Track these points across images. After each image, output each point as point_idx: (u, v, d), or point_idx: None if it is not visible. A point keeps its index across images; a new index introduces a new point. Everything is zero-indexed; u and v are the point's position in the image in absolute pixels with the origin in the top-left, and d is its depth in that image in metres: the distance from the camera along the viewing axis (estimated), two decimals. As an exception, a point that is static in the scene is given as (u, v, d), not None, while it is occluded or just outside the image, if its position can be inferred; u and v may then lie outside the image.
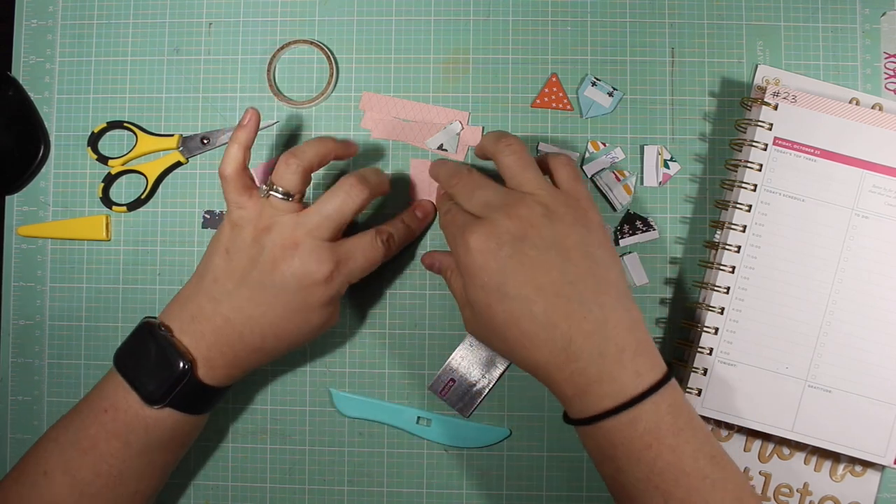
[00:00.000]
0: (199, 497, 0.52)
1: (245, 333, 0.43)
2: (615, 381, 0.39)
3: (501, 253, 0.41)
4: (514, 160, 0.44)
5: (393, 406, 0.52)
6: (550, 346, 0.40)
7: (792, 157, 0.49)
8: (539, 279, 0.40)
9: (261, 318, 0.43)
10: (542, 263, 0.40)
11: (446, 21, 0.53)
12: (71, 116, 0.54)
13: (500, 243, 0.41)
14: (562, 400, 0.42)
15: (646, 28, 0.53)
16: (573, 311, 0.40)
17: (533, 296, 0.40)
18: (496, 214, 0.42)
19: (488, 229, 0.41)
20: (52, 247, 0.53)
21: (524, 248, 0.41)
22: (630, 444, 0.39)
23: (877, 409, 0.48)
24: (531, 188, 0.43)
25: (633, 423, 0.39)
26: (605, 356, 0.40)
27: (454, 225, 0.44)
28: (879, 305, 0.48)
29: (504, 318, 0.41)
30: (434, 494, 0.51)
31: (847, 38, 0.52)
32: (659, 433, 0.39)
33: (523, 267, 0.40)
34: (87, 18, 0.54)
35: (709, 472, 0.39)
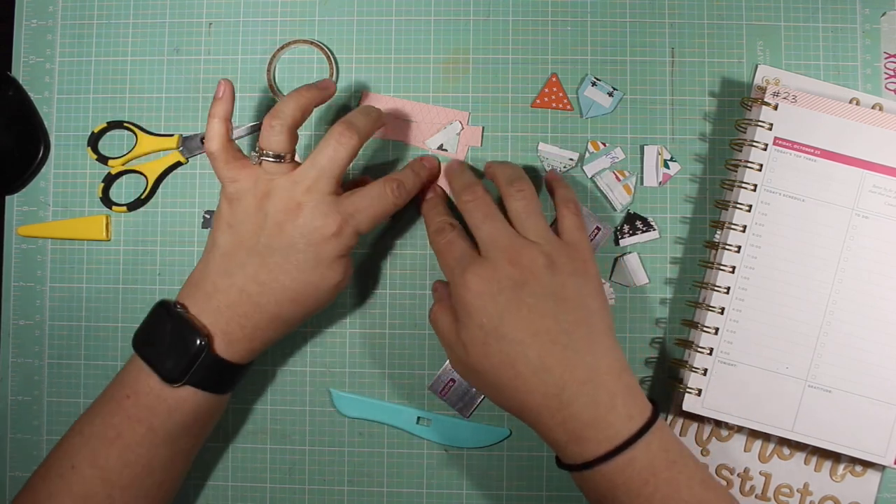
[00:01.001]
0: (199, 497, 0.52)
1: (261, 302, 0.43)
2: (610, 426, 0.41)
3: (500, 297, 0.42)
4: (524, 206, 0.45)
5: (393, 406, 0.52)
6: (543, 391, 0.41)
7: (792, 157, 0.49)
8: (535, 325, 0.41)
9: (274, 284, 0.43)
10: (539, 310, 0.41)
11: (446, 21, 0.53)
12: (71, 116, 0.54)
13: (500, 288, 0.42)
14: (554, 446, 0.42)
15: (646, 28, 0.53)
16: (567, 357, 0.41)
17: (529, 340, 0.41)
18: (499, 257, 0.42)
19: (489, 272, 0.42)
20: (52, 247, 0.53)
21: (523, 294, 0.42)
22: (629, 484, 0.40)
23: (877, 409, 0.48)
24: (536, 237, 0.44)
25: (630, 463, 0.40)
26: (599, 403, 0.41)
27: (453, 258, 0.44)
28: (879, 305, 0.48)
29: (500, 360, 0.41)
30: (434, 494, 0.51)
31: (847, 38, 0.52)
32: (654, 469, 0.40)
33: (520, 312, 0.41)
34: (87, 18, 0.54)
35: (703, 496, 0.41)
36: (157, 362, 0.42)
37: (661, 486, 0.40)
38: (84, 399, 0.52)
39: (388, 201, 0.45)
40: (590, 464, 0.40)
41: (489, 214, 0.45)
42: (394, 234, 0.53)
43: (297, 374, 0.52)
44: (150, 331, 0.44)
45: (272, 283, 0.43)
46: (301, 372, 0.52)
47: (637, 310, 0.52)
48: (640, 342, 0.52)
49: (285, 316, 0.44)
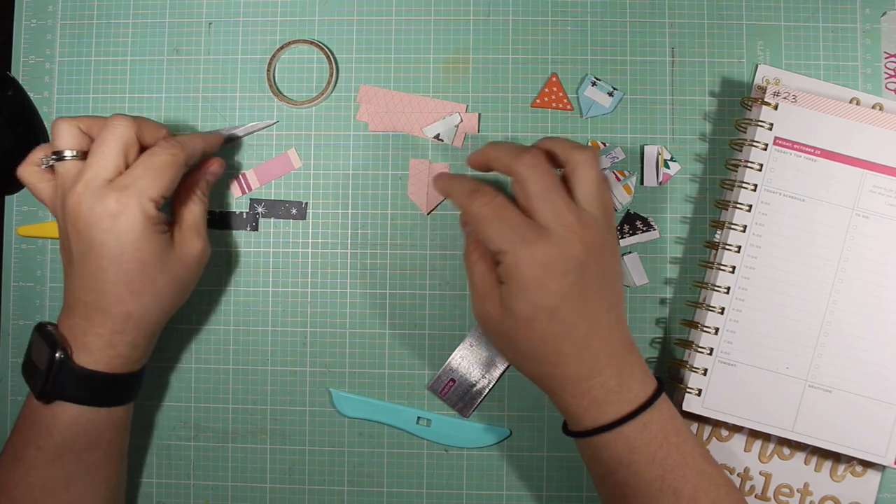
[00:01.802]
0: (199, 497, 0.52)
1: (103, 307, 0.42)
2: (630, 390, 0.42)
3: (565, 279, 0.40)
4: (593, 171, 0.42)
5: (393, 406, 0.52)
6: (578, 364, 0.41)
7: (792, 156, 0.49)
8: (589, 308, 0.41)
9: (102, 285, 0.42)
10: (595, 293, 0.41)
11: (446, 21, 0.53)
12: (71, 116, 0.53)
13: (566, 269, 0.40)
14: (572, 411, 0.42)
15: (646, 28, 0.53)
16: (605, 336, 0.42)
17: (579, 322, 0.41)
18: (568, 234, 0.40)
19: (559, 249, 0.40)
20: (52, 247, 0.53)
21: (585, 277, 0.41)
22: (647, 447, 0.41)
23: (877, 409, 0.48)
24: (590, 206, 0.42)
25: (646, 426, 0.41)
26: (623, 371, 0.42)
27: (509, 222, 0.41)
28: (880, 305, 0.48)
29: (543, 336, 0.41)
30: (434, 494, 0.51)
31: (847, 37, 0.52)
32: (667, 433, 0.41)
33: (580, 297, 0.41)
34: (86, 18, 0.54)
35: (705, 468, 0.42)
36: (29, 380, 0.43)
37: (673, 452, 0.41)
38: (84, 399, 0.52)
39: (161, 158, 0.43)
40: (610, 426, 0.41)
41: (550, 186, 0.41)
42: (393, 235, 0.53)
43: (297, 374, 0.52)
44: (27, 352, 0.45)
45: (100, 285, 0.42)
46: (301, 372, 0.52)
47: (637, 310, 0.52)
48: (641, 342, 0.52)
49: (137, 311, 0.43)
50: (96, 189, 0.41)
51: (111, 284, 0.42)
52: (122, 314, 0.43)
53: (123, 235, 0.41)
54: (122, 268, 0.42)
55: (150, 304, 0.44)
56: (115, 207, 0.41)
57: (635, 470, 0.41)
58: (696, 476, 0.41)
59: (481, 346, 0.52)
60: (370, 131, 0.53)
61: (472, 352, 0.52)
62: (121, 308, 0.43)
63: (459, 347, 0.52)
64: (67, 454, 0.43)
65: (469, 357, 0.52)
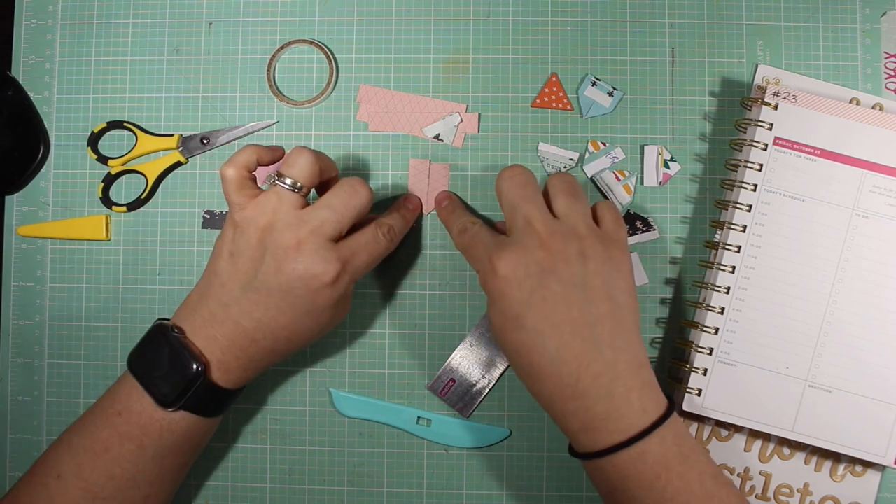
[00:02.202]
0: (199, 497, 0.52)
1: (257, 338, 0.43)
2: (623, 418, 0.40)
3: (526, 283, 0.40)
4: (565, 186, 0.44)
5: (393, 406, 0.52)
6: (556, 382, 0.41)
7: (792, 156, 0.49)
8: (557, 316, 0.40)
9: (271, 322, 0.43)
10: (565, 300, 0.40)
11: (446, 21, 0.53)
12: (71, 116, 0.54)
13: (527, 273, 0.41)
14: (567, 433, 0.43)
15: (646, 28, 0.53)
16: (585, 351, 0.40)
17: (548, 331, 0.40)
18: (530, 239, 0.41)
19: (518, 255, 0.41)
20: (51, 247, 0.53)
21: (550, 281, 0.40)
22: (640, 477, 0.40)
23: (877, 409, 0.48)
24: (574, 222, 0.42)
25: (642, 455, 0.40)
26: (613, 396, 0.40)
27: (480, 248, 0.44)
28: (880, 305, 0.48)
29: (515, 347, 0.41)
30: (434, 494, 0.51)
31: (847, 38, 0.52)
32: (667, 463, 0.40)
33: (545, 302, 0.40)
34: (86, 18, 0.54)
35: (714, 492, 0.40)
36: (153, 385, 0.42)
37: (673, 481, 0.40)
38: (84, 399, 0.52)
39: (382, 246, 0.46)
40: (601, 453, 0.40)
41: (527, 196, 0.43)
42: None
43: (297, 374, 0.52)
44: (146, 353, 0.43)
45: (268, 322, 0.43)
46: (301, 372, 0.52)
47: (637, 310, 0.52)
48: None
49: (280, 350, 0.44)
50: (321, 247, 0.42)
51: (279, 325, 0.43)
52: (267, 349, 0.44)
53: (322, 300, 0.43)
54: (300, 319, 0.43)
55: (293, 348, 0.45)
56: (332, 275, 0.42)
57: (631, 496, 0.40)
58: (704, 500, 0.40)
59: (481, 346, 0.52)
60: (370, 131, 0.53)
61: (472, 352, 0.52)
62: (270, 344, 0.43)
63: (459, 347, 0.52)
64: (168, 455, 0.43)
65: (469, 357, 0.52)
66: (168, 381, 0.42)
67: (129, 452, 0.42)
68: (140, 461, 0.42)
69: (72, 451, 0.43)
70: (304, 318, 0.43)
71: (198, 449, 0.46)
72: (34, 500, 0.42)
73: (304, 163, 0.43)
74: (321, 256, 0.42)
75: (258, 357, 0.44)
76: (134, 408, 0.43)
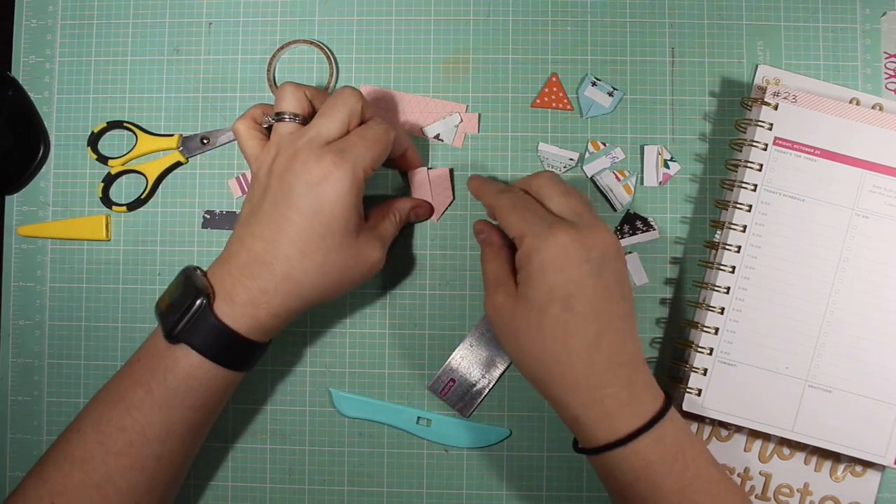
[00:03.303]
0: (199, 497, 0.52)
1: (268, 259, 0.42)
2: (642, 403, 0.41)
3: (585, 266, 0.41)
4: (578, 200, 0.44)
5: (393, 406, 0.52)
6: (588, 367, 0.41)
7: (792, 157, 0.49)
8: (603, 304, 0.41)
9: (279, 236, 0.42)
10: (611, 291, 0.41)
11: (446, 21, 0.53)
12: (71, 116, 0.54)
13: (588, 257, 0.41)
14: (581, 422, 0.42)
15: (646, 28, 0.53)
16: (616, 342, 0.41)
17: (592, 318, 0.41)
18: (589, 227, 0.42)
19: (583, 236, 0.41)
20: (52, 247, 0.53)
21: (605, 270, 0.41)
22: (663, 460, 0.41)
23: (877, 409, 0.48)
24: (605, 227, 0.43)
25: (661, 439, 0.41)
26: (635, 383, 0.42)
27: (534, 213, 0.43)
28: (880, 305, 0.48)
29: (553, 327, 0.41)
30: (434, 494, 0.51)
31: (847, 38, 0.52)
32: (681, 445, 0.41)
33: (596, 289, 0.41)
34: (86, 18, 0.54)
35: (720, 477, 0.42)
36: (162, 318, 0.42)
37: (689, 464, 0.41)
38: (84, 399, 0.52)
39: (375, 132, 0.44)
40: (624, 440, 0.40)
41: (566, 191, 0.44)
42: (394, 234, 0.53)
43: (297, 374, 0.52)
44: (167, 290, 0.44)
45: (277, 236, 0.42)
46: (301, 372, 0.52)
47: (637, 310, 0.52)
48: (641, 342, 0.52)
49: (296, 275, 0.42)
50: (317, 147, 0.42)
51: (288, 238, 0.42)
52: (280, 273, 0.42)
53: (325, 195, 0.41)
54: (307, 224, 0.42)
55: (310, 274, 0.42)
56: (330, 168, 0.41)
57: (654, 483, 0.40)
58: (714, 486, 0.41)
59: (481, 346, 0.52)
60: (370, 131, 0.53)
61: (472, 352, 0.52)
62: (283, 266, 0.42)
63: (459, 347, 0.52)
64: (175, 406, 0.42)
65: (469, 357, 0.52)
66: (175, 311, 0.42)
67: (139, 399, 0.42)
68: (149, 409, 0.42)
69: (95, 403, 0.43)
70: (311, 217, 0.42)
71: (204, 407, 0.44)
72: (56, 456, 0.42)
73: (289, 93, 0.44)
74: (315, 153, 0.42)
75: (271, 287, 0.42)
76: (148, 349, 0.43)
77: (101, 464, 0.41)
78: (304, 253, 0.42)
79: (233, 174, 0.53)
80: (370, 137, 0.44)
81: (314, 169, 0.41)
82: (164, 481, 0.44)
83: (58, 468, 0.42)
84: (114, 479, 0.41)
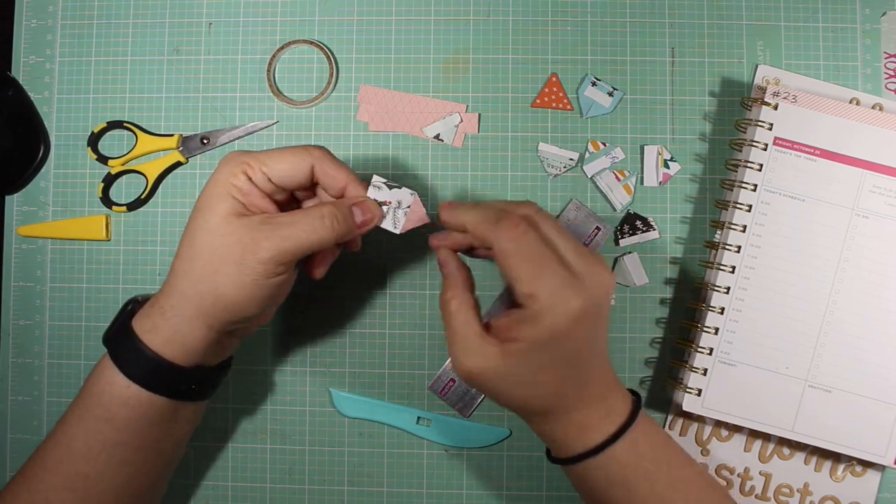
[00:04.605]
0: (199, 497, 0.52)
1: (172, 279, 0.41)
2: (614, 410, 0.42)
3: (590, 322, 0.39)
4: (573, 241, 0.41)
5: (393, 406, 0.52)
6: (578, 393, 0.41)
7: (792, 157, 0.49)
8: (595, 342, 0.41)
9: (176, 261, 0.41)
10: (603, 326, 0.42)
11: (446, 21, 0.53)
12: (71, 116, 0.54)
13: (596, 312, 0.39)
14: (559, 438, 0.42)
15: (646, 28, 0.53)
16: (600, 364, 0.42)
17: (603, 325, 0.41)
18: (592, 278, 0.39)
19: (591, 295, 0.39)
20: (52, 247, 0.53)
21: (602, 312, 0.41)
22: (637, 464, 0.41)
23: (877, 409, 0.48)
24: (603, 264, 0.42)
25: (634, 442, 0.41)
26: (609, 396, 0.42)
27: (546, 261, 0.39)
28: (880, 305, 0.48)
29: (591, 332, 0.40)
30: (434, 494, 0.51)
31: (847, 38, 0.52)
32: (654, 446, 0.42)
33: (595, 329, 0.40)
34: (86, 18, 0.54)
35: (694, 477, 0.42)
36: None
37: (663, 465, 0.41)
38: (84, 399, 0.52)
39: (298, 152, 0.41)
40: (599, 448, 0.40)
41: (562, 232, 0.40)
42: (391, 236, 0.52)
43: (297, 374, 0.52)
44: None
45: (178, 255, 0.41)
46: (301, 372, 0.52)
47: (637, 310, 0.52)
48: (640, 342, 0.52)
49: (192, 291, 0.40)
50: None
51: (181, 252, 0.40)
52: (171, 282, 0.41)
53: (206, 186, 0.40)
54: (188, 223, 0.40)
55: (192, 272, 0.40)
56: (219, 165, 0.40)
57: (629, 487, 0.41)
58: (687, 485, 0.42)
59: (481, 346, 0.52)
60: (370, 131, 0.53)
61: (472, 352, 0.52)
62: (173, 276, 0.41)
63: (459, 347, 0.52)
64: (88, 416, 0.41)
65: (469, 357, 0.52)
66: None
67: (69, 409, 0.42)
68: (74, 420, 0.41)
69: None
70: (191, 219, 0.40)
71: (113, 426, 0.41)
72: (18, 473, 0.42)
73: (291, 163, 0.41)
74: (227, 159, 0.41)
75: (177, 303, 0.40)
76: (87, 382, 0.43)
77: (40, 482, 0.41)
78: (179, 255, 0.41)
79: (233, 174, 0.53)
80: (284, 151, 0.41)
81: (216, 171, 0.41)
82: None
83: (11, 486, 0.42)
84: (50, 498, 0.41)
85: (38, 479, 0.41)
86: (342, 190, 0.42)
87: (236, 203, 0.40)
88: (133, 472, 0.42)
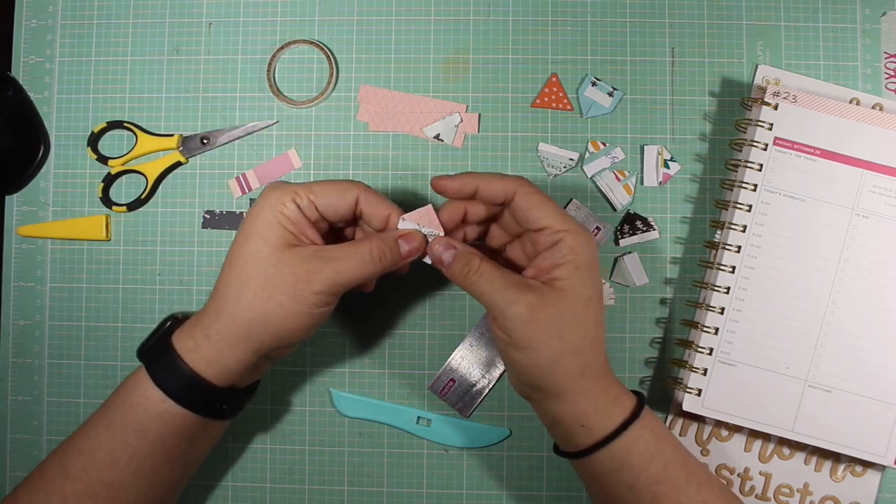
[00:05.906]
0: (199, 497, 0.52)
1: (213, 295, 0.42)
2: (621, 402, 0.42)
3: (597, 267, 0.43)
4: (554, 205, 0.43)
5: (393, 406, 0.52)
6: (597, 357, 0.42)
7: (792, 157, 0.49)
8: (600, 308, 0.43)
9: (221, 282, 0.42)
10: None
11: (446, 21, 0.53)
12: (71, 116, 0.54)
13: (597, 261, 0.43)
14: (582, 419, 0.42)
15: (646, 28, 0.53)
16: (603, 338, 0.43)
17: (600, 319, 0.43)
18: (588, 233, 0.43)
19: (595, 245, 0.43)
20: (52, 247, 0.53)
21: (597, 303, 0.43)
22: (640, 456, 0.42)
23: (877, 409, 0.48)
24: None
25: (639, 437, 0.42)
26: (613, 385, 0.43)
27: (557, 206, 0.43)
28: (880, 305, 0.48)
29: (594, 317, 0.42)
30: (434, 494, 0.51)
31: (847, 38, 0.52)
32: (658, 438, 0.42)
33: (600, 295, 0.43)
34: (86, 18, 0.54)
35: (696, 472, 0.43)
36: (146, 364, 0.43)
37: (667, 459, 0.42)
38: (84, 399, 0.52)
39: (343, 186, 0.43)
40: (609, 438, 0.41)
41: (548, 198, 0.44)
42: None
43: (297, 375, 0.52)
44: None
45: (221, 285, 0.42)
46: (301, 372, 0.52)
47: (637, 310, 0.52)
48: (640, 342, 0.52)
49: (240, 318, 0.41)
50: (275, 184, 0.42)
51: (225, 285, 0.41)
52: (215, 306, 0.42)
53: (250, 216, 0.41)
54: (233, 249, 0.41)
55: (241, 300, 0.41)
56: (263, 192, 0.42)
57: (632, 477, 0.41)
58: (696, 469, 0.42)
59: (481, 346, 0.52)
60: (370, 131, 0.53)
61: (472, 352, 0.52)
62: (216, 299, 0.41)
63: (459, 347, 0.52)
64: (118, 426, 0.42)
65: (469, 357, 0.52)
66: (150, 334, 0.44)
67: (95, 419, 0.43)
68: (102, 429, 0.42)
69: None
70: (237, 247, 0.41)
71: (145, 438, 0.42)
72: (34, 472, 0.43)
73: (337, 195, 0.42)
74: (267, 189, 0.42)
75: (224, 328, 0.41)
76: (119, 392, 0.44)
77: (59, 487, 0.41)
78: (226, 281, 0.41)
79: (233, 174, 0.53)
80: (339, 183, 0.43)
81: (258, 201, 0.42)
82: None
83: (27, 488, 0.42)
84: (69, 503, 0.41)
85: (58, 483, 0.42)
86: (385, 221, 0.44)
87: (286, 233, 0.41)
88: (155, 482, 0.43)
